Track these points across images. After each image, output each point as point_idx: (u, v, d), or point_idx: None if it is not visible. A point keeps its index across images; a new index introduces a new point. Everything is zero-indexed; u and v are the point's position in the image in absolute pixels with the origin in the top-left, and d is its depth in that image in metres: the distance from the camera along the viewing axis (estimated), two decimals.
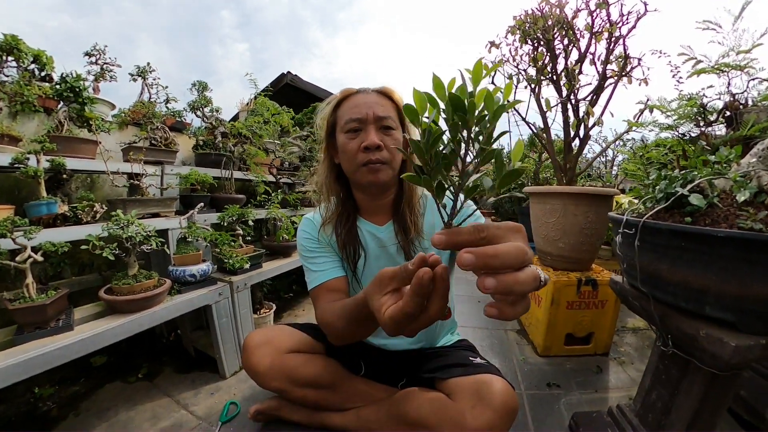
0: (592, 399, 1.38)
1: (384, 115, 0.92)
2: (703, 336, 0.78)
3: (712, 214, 0.77)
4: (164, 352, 1.67)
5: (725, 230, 0.69)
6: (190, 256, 1.42)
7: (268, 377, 1.07)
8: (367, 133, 0.91)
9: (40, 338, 0.97)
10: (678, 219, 0.80)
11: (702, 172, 0.88)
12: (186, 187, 1.82)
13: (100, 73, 1.81)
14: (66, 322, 1.04)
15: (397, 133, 0.95)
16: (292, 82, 3.56)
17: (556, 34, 1.61)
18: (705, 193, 0.82)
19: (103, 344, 1.04)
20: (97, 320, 1.11)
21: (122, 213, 1.22)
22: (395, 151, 0.93)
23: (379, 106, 0.93)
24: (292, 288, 2.55)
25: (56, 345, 0.95)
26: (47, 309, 0.99)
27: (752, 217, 0.70)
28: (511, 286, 0.36)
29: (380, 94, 0.96)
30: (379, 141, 0.90)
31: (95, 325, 1.07)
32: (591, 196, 1.58)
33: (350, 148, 0.92)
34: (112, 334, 1.07)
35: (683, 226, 0.75)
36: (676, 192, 0.81)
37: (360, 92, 0.97)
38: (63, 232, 1.19)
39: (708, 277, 0.74)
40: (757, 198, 0.78)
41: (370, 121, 0.91)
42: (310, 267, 1.04)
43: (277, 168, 2.49)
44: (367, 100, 0.93)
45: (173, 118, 2.03)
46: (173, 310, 1.27)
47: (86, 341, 1.00)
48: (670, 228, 0.77)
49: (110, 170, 1.46)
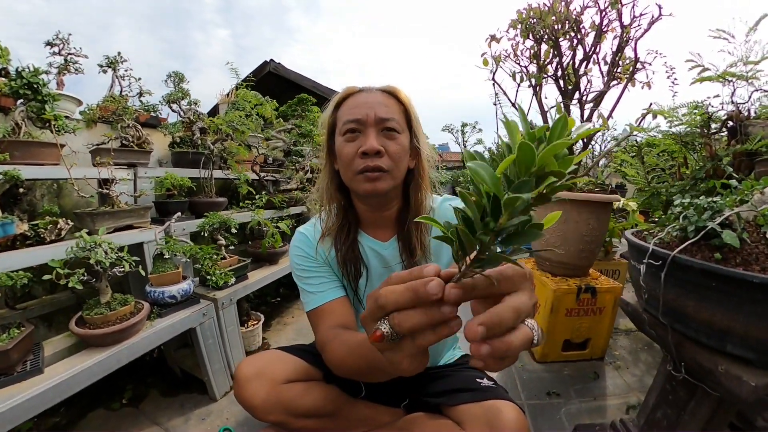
0: (591, 408, 1.38)
1: (387, 116, 0.82)
2: (722, 371, 0.77)
3: (743, 252, 0.74)
4: (148, 371, 1.56)
5: (761, 276, 0.65)
6: (169, 275, 1.30)
7: (264, 411, 0.99)
8: (366, 136, 0.81)
9: (5, 387, 0.86)
10: (706, 254, 0.77)
11: (727, 200, 0.84)
12: (162, 192, 1.67)
13: (64, 65, 1.60)
14: (34, 365, 0.93)
15: (403, 138, 0.84)
16: (275, 71, 3.35)
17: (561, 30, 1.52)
18: (734, 227, 0.78)
19: (78, 388, 0.94)
20: (70, 357, 1.00)
21: (88, 231, 1.09)
22: (398, 156, 0.83)
23: (382, 106, 0.82)
24: (279, 291, 2.46)
25: (25, 395, 0.84)
26: (10, 354, 0.87)
27: None
28: (503, 353, 0.34)
29: (385, 93, 0.86)
30: (379, 146, 0.79)
31: (68, 365, 0.96)
32: (593, 203, 1.55)
33: (347, 152, 0.82)
34: (88, 374, 0.96)
35: (716, 266, 0.71)
36: (706, 226, 0.77)
37: (363, 91, 0.87)
38: (23, 256, 1.06)
39: (735, 319, 0.71)
40: None
41: (371, 123, 0.81)
42: (305, 288, 0.95)
43: (260, 165, 2.34)
44: (368, 100, 0.83)
45: (147, 113, 1.85)
46: (154, 338, 1.17)
47: (60, 387, 0.90)
48: (702, 267, 0.73)
49: (75, 177, 1.30)
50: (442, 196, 1.01)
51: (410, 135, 0.87)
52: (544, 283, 1.63)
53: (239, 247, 2.10)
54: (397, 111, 0.85)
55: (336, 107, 0.88)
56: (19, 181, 1.17)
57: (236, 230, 1.67)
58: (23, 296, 1.37)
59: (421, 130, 0.91)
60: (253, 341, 1.74)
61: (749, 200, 0.87)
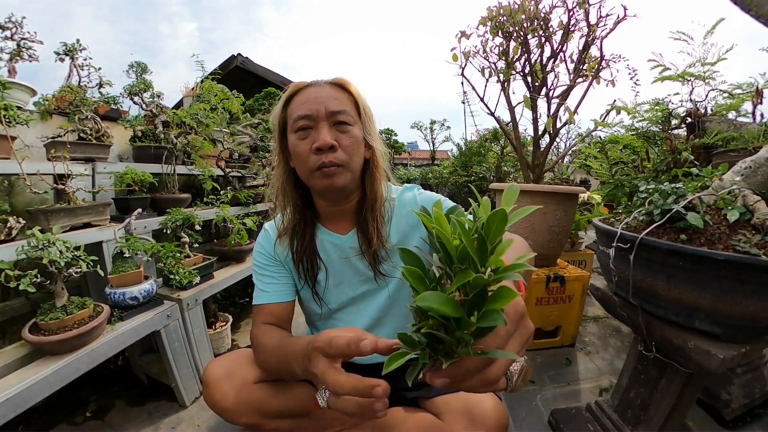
0: (565, 393, 1.43)
1: (338, 109, 0.80)
2: (692, 347, 0.81)
3: (706, 232, 0.79)
4: (113, 381, 1.46)
5: (725, 253, 0.70)
6: (130, 275, 1.23)
7: (236, 414, 0.94)
8: (318, 131, 0.79)
9: None
10: (672, 236, 0.81)
11: (688, 186, 0.90)
12: (122, 189, 1.57)
13: (16, 51, 1.48)
14: None
15: (355, 130, 0.83)
16: (242, 65, 3.24)
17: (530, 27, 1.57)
18: (697, 210, 0.83)
19: (35, 400, 0.86)
20: (23, 368, 0.91)
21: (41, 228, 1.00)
22: (352, 149, 0.82)
23: (332, 99, 0.81)
24: (247, 291, 2.37)
25: None
26: None
27: (748, 240, 0.71)
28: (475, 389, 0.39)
29: (334, 86, 0.85)
30: (332, 140, 0.78)
31: (22, 375, 0.87)
32: (560, 195, 1.60)
33: (301, 150, 0.81)
34: (44, 385, 0.88)
35: (683, 246, 0.75)
36: (671, 209, 0.82)
37: (311, 85, 0.85)
38: None
39: (702, 295, 0.76)
40: (743, 216, 0.80)
41: (322, 117, 0.79)
42: (257, 284, 0.96)
43: (225, 160, 2.26)
44: (318, 95, 0.81)
45: (107, 105, 1.73)
46: (116, 343, 1.09)
47: (13, 400, 0.81)
48: (669, 247, 0.77)
49: (28, 172, 1.20)
50: (402, 186, 1.01)
51: (362, 126, 0.86)
52: None
53: (204, 246, 2.02)
54: (348, 103, 0.83)
55: (285, 104, 0.86)
56: None
57: (201, 227, 1.61)
58: None
59: (372, 121, 0.90)
60: (221, 343, 1.67)
61: (710, 186, 0.93)
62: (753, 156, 0.92)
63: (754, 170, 0.91)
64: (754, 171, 0.91)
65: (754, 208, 0.82)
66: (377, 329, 1.02)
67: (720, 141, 1.34)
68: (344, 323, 1.01)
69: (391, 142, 4.68)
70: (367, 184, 0.90)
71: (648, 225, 0.86)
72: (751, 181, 0.90)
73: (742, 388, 1.27)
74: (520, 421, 1.29)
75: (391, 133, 5.06)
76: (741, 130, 1.38)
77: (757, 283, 0.69)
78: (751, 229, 0.79)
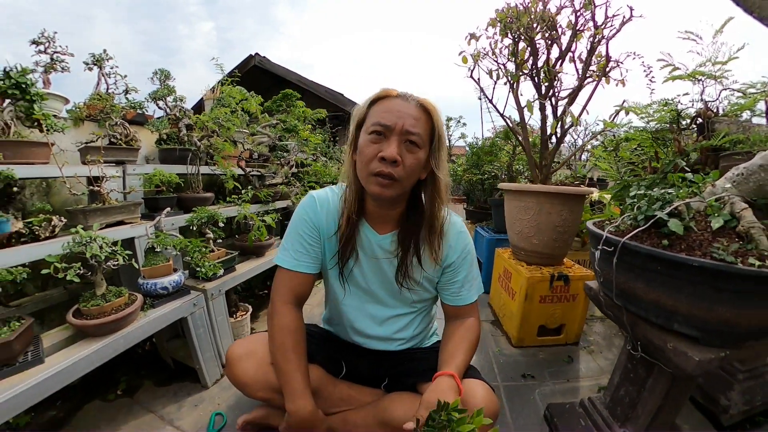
0: (564, 389, 1.48)
1: (413, 131, 0.86)
2: (671, 348, 0.85)
3: (688, 238, 0.82)
4: (141, 364, 1.61)
5: (699, 260, 0.73)
6: (161, 268, 1.35)
7: (253, 388, 1.08)
8: (389, 143, 0.85)
9: (9, 377, 0.90)
10: (655, 241, 0.85)
11: (679, 192, 0.93)
12: (150, 189, 1.71)
13: (50, 64, 1.61)
14: (35, 355, 0.97)
15: (421, 153, 0.89)
16: (260, 64, 3.36)
17: (538, 29, 1.59)
18: (682, 216, 0.86)
19: (78, 375, 0.99)
20: (68, 348, 1.04)
21: (83, 226, 1.13)
22: (412, 170, 0.88)
23: (412, 119, 0.86)
24: (266, 284, 2.51)
25: (28, 383, 0.88)
26: (13, 344, 0.91)
27: (724, 248, 0.74)
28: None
29: (420, 107, 0.89)
30: (397, 155, 0.84)
31: (67, 354, 1.00)
32: (566, 195, 1.63)
33: (369, 152, 0.87)
34: (87, 362, 1.01)
35: (661, 251, 0.79)
36: (655, 215, 0.85)
37: (400, 97, 0.90)
38: (19, 253, 1.09)
39: (679, 299, 0.79)
40: (729, 224, 0.83)
41: (397, 132, 0.85)
42: (288, 244, 1.04)
43: (245, 160, 2.38)
44: (401, 109, 0.87)
45: (133, 110, 1.87)
46: (148, 328, 1.22)
47: (61, 374, 0.95)
48: (648, 252, 0.80)
49: (67, 176, 1.33)
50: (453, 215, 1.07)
51: (429, 151, 0.91)
52: (519, 271, 1.72)
53: (226, 241, 2.15)
54: (424, 127, 0.88)
55: (370, 104, 0.92)
56: (13, 180, 1.20)
57: (223, 224, 1.73)
58: (15, 294, 1.40)
59: (443, 149, 0.95)
60: (241, 331, 1.80)
61: (701, 192, 0.95)
62: (746, 163, 0.93)
63: (746, 177, 0.92)
64: (746, 178, 0.92)
65: (740, 215, 0.84)
66: (380, 325, 1.12)
67: (727, 143, 1.33)
68: (353, 310, 1.13)
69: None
70: (427, 203, 0.97)
71: (634, 229, 0.90)
72: (743, 188, 0.92)
73: (742, 395, 1.27)
74: (516, 413, 1.35)
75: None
76: (749, 132, 1.36)
77: (732, 291, 0.71)
78: (735, 236, 0.82)
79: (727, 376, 1.32)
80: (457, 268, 1.05)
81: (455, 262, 1.05)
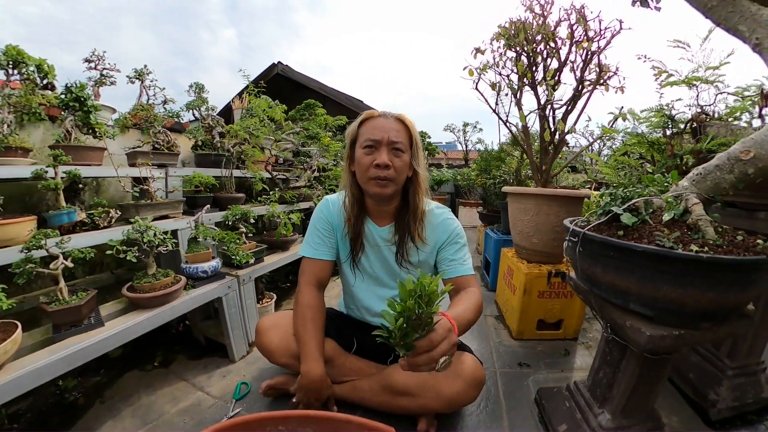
0: (557, 377, 1.58)
1: (397, 140, 1.13)
2: (628, 326, 0.96)
3: (641, 229, 0.94)
4: (175, 342, 1.83)
5: (641, 245, 0.84)
6: (201, 255, 1.58)
7: (276, 354, 1.30)
8: (380, 153, 1.12)
9: (76, 335, 1.13)
10: (613, 232, 0.97)
11: (644, 192, 1.04)
12: (190, 189, 1.96)
13: (100, 80, 1.89)
14: (97, 320, 1.20)
15: (406, 156, 1.16)
16: (282, 73, 3.62)
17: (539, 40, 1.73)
18: (639, 211, 0.98)
19: (132, 336, 1.20)
20: (122, 316, 1.27)
21: (137, 218, 1.37)
22: (401, 170, 1.15)
23: (394, 131, 1.13)
24: (288, 278, 2.73)
25: (92, 340, 1.10)
26: (82, 309, 1.14)
27: (666, 236, 0.86)
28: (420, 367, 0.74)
29: (397, 120, 1.17)
30: (389, 161, 1.11)
31: (123, 320, 1.23)
32: (563, 198, 1.74)
33: (364, 162, 1.13)
34: (140, 327, 1.23)
35: (611, 239, 0.91)
36: (611, 210, 0.98)
37: (381, 116, 1.18)
38: (85, 238, 1.33)
39: (630, 281, 0.90)
40: (683, 217, 0.94)
41: (385, 143, 1.12)
42: (308, 238, 1.31)
43: (272, 165, 2.62)
44: (385, 125, 1.14)
45: (171, 119, 2.13)
46: (190, 303, 1.44)
47: (118, 335, 1.17)
48: (603, 240, 0.93)
49: (121, 176, 1.59)
50: (433, 203, 1.31)
51: (410, 153, 1.18)
52: (519, 268, 1.83)
53: (255, 236, 2.38)
54: (404, 135, 1.16)
55: (359, 125, 1.19)
56: (79, 178, 1.45)
57: (254, 221, 1.96)
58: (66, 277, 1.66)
59: (420, 150, 1.22)
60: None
61: (665, 191, 1.06)
62: (705, 164, 1.04)
63: (704, 176, 1.03)
64: (704, 177, 1.03)
65: (692, 209, 0.95)
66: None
67: (715, 146, 1.39)
68: (362, 291, 1.36)
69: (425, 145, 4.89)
70: (411, 196, 1.22)
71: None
72: (701, 186, 1.02)
73: (732, 391, 1.31)
74: (509, 396, 1.46)
75: (425, 136, 5.28)
76: (737, 134, 1.43)
77: (673, 273, 0.82)
78: (685, 228, 0.93)
79: (716, 372, 1.38)
80: (449, 247, 1.25)
81: (446, 241, 1.25)
